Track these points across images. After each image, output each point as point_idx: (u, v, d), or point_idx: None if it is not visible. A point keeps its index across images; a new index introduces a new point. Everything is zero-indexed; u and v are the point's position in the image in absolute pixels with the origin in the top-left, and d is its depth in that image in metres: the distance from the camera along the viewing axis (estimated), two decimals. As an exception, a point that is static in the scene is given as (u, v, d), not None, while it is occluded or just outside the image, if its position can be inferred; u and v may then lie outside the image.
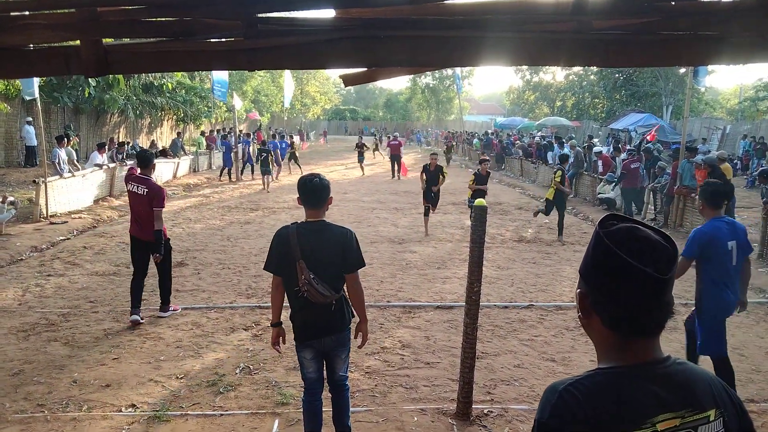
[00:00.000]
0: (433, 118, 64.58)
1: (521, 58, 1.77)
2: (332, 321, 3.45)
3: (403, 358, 5.35)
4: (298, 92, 57.25)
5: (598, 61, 1.86)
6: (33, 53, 1.75)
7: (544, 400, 1.24)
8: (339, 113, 73.14)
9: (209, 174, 21.68)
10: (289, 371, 4.99)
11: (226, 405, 4.41)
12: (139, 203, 6.08)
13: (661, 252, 1.23)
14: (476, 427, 4.14)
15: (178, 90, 28.40)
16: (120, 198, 14.72)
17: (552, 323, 6.35)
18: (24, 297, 6.97)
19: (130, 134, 27.44)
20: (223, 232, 11.13)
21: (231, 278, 7.89)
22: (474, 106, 76.23)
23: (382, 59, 1.74)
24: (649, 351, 1.26)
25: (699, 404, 1.23)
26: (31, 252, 9.17)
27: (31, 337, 5.70)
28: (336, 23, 1.72)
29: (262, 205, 14.74)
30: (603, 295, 1.26)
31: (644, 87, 36.06)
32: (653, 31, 1.73)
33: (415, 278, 8.07)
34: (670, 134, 25.01)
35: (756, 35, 1.74)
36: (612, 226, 1.29)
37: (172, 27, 1.72)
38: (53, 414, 4.22)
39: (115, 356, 5.27)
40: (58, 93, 20.11)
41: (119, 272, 8.09)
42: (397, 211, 14.04)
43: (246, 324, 6.11)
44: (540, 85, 49.79)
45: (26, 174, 17.24)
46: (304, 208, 3.45)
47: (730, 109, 45.17)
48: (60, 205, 12.08)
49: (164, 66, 1.78)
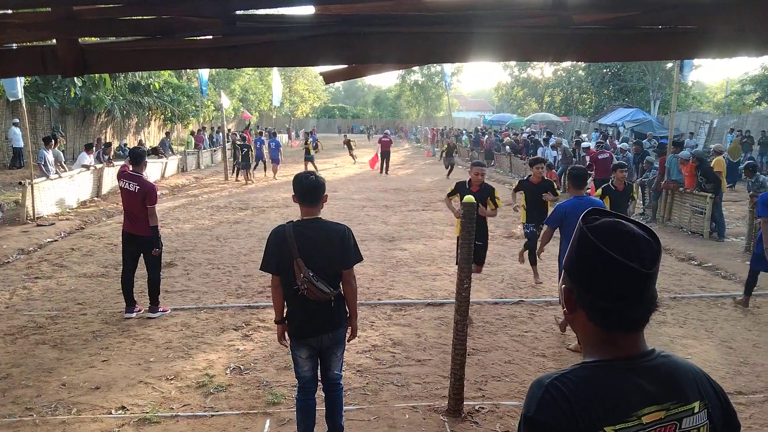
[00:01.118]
0: (422, 115, 64.57)
1: (502, 54, 1.76)
2: (330, 318, 3.46)
3: (394, 355, 5.35)
4: (287, 90, 57.04)
5: (582, 57, 1.86)
6: (8, 53, 1.72)
7: (530, 395, 1.24)
8: (328, 111, 72.97)
9: (197, 174, 21.55)
10: (279, 371, 4.98)
11: (217, 406, 4.39)
12: (131, 200, 6.16)
13: (644, 246, 1.23)
14: (468, 423, 4.14)
15: (165, 89, 28.18)
16: (108, 199, 14.61)
17: (542, 319, 6.37)
18: (11, 300, 6.90)
19: (117, 134, 27.22)
20: (213, 232, 11.07)
21: (221, 278, 7.85)
22: (463, 102, 76.24)
23: (363, 56, 1.73)
24: (634, 345, 1.26)
25: (683, 396, 1.24)
26: (17, 254, 9.08)
27: (19, 340, 5.65)
28: (317, 20, 1.71)
29: (252, 204, 14.68)
30: (587, 290, 1.26)
31: (632, 82, 36.29)
32: (634, 26, 1.74)
33: (405, 276, 8.07)
34: (658, 129, 25.20)
35: (737, 29, 1.75)
36: (595, 220, 1.29)
37: (150, 25, 1.70)
38: (42, 417, 4.18)
39: (104, 358, 5.23)
40: (44, 93, 19.89)
41: (107, 274, 8.03)
42: (387, 209, 14.03)
43: (236, 324, 6.09)
44: (528, 81, 49.88)
45: (12, 176, 17.06)
46: (299, 206, 3.45)
47: (716, 103, 45.49)
48: (47, 207, 11.97)
49: (143, 65, 1.75)
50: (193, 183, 19.50)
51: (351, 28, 1.67)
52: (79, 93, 20.50)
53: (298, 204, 3.45)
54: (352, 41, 1.69)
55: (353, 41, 1.69)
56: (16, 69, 1.82)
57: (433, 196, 16.35)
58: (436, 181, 20.26)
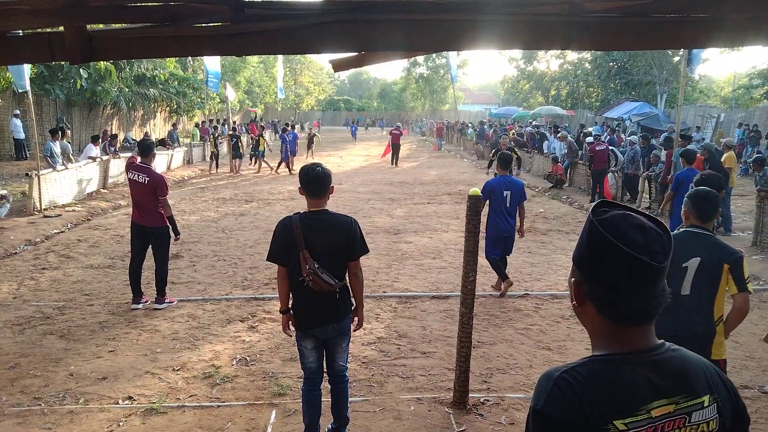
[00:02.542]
0: (427, 108, 64.41)
1: (512, 42, 1.75)
2: (335, 309, 3.47)
3: (400, 347, 5.35)
4: (292, 83, 56.95)
5: (592, 45, 1.84)
6: (16, 39, 1.72)
7: (539, 388, 1.23)
8: (333, 104, 72.84)
9: (203, 165, 21.57)
10: (285, 362, 4.99)
11: (223, 396, 4.41)
12: (141, 191, 6.15)
13: (656, 239, 1.22)
14: (473, 415, 4.15)
15: (171, 81, 28.19)
16: (114, 191, 14.65)
17: (547, 312, 6.36)
18: (19, 290, 6.94)
19: (123, 126, 27.27)
20: (218, 224, 11.09)
21: (226, 270, 7.87)
22: (468, 95, 76.05)
23: (373, 43, 1.71)
24: (644, 338, 1.25)
25: (693, 390, 1.23)
26: (25, 245, 9.12)
27: (27, 330, 5.68)
28: (325, 7, 1.69)
29: (257, 196, 14.70)
30: (597, 284, 1.25)
31: (638, 75, 36.04)
32: (646, 14, 1.71)
33: (410, 269, 8.07)
34: (665, 123, 25.05)
35: (749, 17, 1.72)
36: (605, 213, 1.27)
37: (158, 12, 1.68)
38: (50, 407, 4.21)
39: (112, 349, 5.26)
40: (50, 85, 19.93)
41: (114, 265, 8.06)
42: (393, 202, 14.02)
43: (242, 315, 6.10)
44: (534, 74, 49.61)
45: (18, 167, 17.12)
46: (306, 198, 3.44)
47: (724, 97, 45.16)
48: (54, 198, 12.02)
49: (151, 52, 1.74)
50: (199, 175, 19.54)
51: (360, 16, 1.66)
52: (85, 84, 20.54)
53: (305, 196, 3.45)
54: (361, 29, 1.67)
55: (362, 29, 1.67)
56: (23, 56, 1.82)
57: (438, 189, 16.33)
58: (441, 174, 20.22)
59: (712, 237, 3.26)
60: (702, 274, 3.17)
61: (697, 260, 3.17)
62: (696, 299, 3.19)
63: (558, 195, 15.20)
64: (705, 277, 3.17)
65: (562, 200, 14.58)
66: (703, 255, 3.17)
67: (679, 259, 3.18)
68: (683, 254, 3.18)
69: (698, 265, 3.17)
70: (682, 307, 3.16)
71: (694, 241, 3.22)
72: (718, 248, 3.21)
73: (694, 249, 3.20)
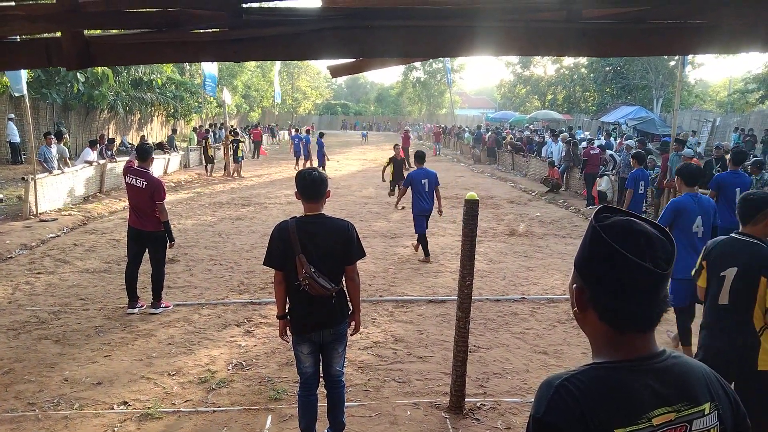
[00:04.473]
0: (424, 112, 64.50)
1: (510, 48, 1.75)
2: (332, 313, 3.46)
3: (396, 352, 5.34)
4: (289, 87, 56.97)
5: (589, 51, 1.84)
6: (14, 45, 1.71)
7: (539, 396, 1.22)
8: (330, 108, 72.89)
9: (200, 170, 21.53)
10: (281, 367, 4.97)
11: (219, 401, 4.39)
12: (138, 196, 6.14)
13: (659, 246, 1.21)
14: (469, 420, 4.14)
15: (168, 86, 28.17)
16: (110, 195, 14.61)
17: (544, 316, 6.36)
18: (14, 295, 6.90)
19: (120, 130, 27.22)
20: (215, 228, 11.06)
21: (223, 274, 7.85)
22: (465, 100, 76.11)
23: (371, 49, 1.71)
24: (645, 345, 1.24)
25: (694, 398, 1.22)
26: (20, 250, 9.09)
27: (22, 335, 5.65)
28: (324, 13, 1.69)
29: (254, 200, 14.67)
30: (599, 290, 1.24)
31: (634, 80, 36.18)
32: (644, 20, 1.72)
33: (407, 273, 8.07)
34: (661, 127, 25.13)
35: (747, 23, 1.73)
36: (607, 218, 1.26)
37: (155, 18, 1.68)
38: (44, 412, 4.18)
39: (107, 354, 5.23)
40: (47, 89, 19.89)
41: (110, 269, 8.03)
42: (389, 206, 14.01)
43: (238, 320, 6.08)
44: (531, 78, 49.76)
45: (14, 171, 17.07)
46: (302, 202, 3.44)
47: (719, 101, 45.34)
48: (49, 203, 11.97)
49: (148, 58, 1.74)
50: (196, 179, 19.50)
51: (358, 22, 1.65)
52: (81, 89, 20.49)
53: (301, 200, 3.45)
54: (359, 35, 1.67)
55: (360, 35, 1.67)
56: (21, 62, 1.81)
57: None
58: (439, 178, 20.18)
59: (756, 245, 3.11)
60: (739, 284, 3.07)
61: (734, 270, 3.08)
62: (733, 309, 3.10)
63: (554, 199, 15.23)
64: (742, 288, 3.07)
65: (558, 204, 14.60)
66: (741, 264, 3.08)
67: (718, 267, 3.13)
68: (723, 263, 3.12)
69: (735, 275, 3.08)
70: (721, 317, 3.10)
71: (735, 248, 3.14)
72: (759, 258, 3.06)
73: (735, 257, 3.11)
